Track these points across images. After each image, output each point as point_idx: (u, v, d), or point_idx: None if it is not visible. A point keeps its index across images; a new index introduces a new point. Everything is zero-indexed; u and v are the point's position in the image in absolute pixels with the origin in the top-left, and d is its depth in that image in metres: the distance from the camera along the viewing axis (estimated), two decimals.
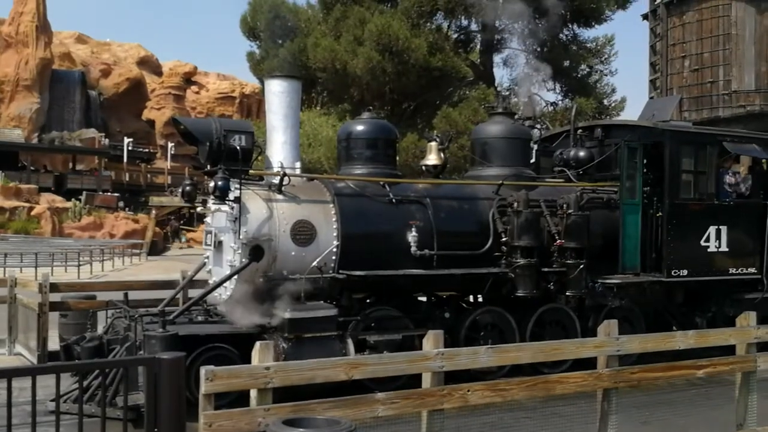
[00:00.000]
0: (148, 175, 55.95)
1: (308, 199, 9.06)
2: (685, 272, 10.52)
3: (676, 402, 8.37)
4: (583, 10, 23.00)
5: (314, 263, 8.70)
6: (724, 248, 10.81)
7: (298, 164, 9.43)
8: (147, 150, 60.21)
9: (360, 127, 9.92)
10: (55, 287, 10.73)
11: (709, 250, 10.71)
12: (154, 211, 44.81)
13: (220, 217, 8.88)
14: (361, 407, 5.08)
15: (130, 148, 56.21)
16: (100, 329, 9.39)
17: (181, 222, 49.53)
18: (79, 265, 28.29)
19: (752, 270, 11.12)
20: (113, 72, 62.05)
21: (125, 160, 54.90)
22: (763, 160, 11.73)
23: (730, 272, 10.96)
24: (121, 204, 48.05)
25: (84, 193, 46.78)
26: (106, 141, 55.11)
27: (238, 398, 5.47)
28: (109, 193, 48.58)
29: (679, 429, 7.42)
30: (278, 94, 9.40)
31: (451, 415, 5.78)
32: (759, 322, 7.26)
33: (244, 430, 4.75)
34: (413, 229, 9.24)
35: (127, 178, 53.75)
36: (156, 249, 42.61)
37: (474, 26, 24.40)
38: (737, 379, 6.91)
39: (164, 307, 8.96)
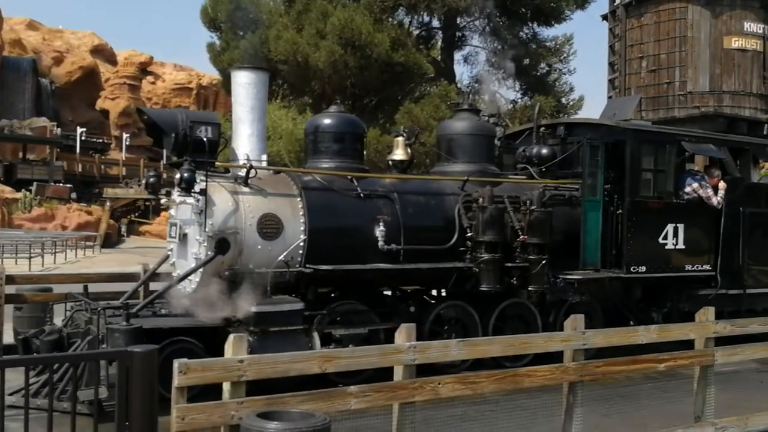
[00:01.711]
0: (102, 167, 54.77)
1: (275, 192, 9.01)
2: (643, 269, 10.76)
3: (634, 395, 8.59)
4: (543, 9, 23.33)
5: (281, 257, 8.66)
6: (681, 246, 11.09)
7: (264, 157, 9.37)
8: (101, 140, 58.89)
9: (327, 121, 9.89)
10: (10, 279, 10.45)
11: (666, 247, 10.96)
12: (108, 203, 43.86)
13: (185, 209, 8.77)
14: (334, 400, 5.09)
15: (83, 138, 54.91)
16: (57, 322, 9.21)
17: (136, 214, 48.67)
18: (30, 258, 27.58)
19: (707, 267, 11.41)
20: (66, 60, 60.52)
21: (78, 150, 53.62)
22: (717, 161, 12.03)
23: (686, 269, 11.23)
24: (73, 195, 46.94)
25: (35, 183, 45.57)
26: (58, 130, 53.72)
27: (201, 393, 5.40)
28: (61, 184, 47.42)
29: (638, 421, 7.59)
30: (245, 85, 9.32)
31: (418, 408, 5.82)
32: None
33: (218, 424, 4.72)
34: (381, 223, 9.26)
35: (80, 169, 52.53)
36: (110, 242, 41.75)
37: (435, 23, 24.56)
38: (696, 372, 7.10)
39: (126, 300, 8.81)
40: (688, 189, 11.30)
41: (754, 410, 7.67)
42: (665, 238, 10.94)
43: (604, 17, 25.45)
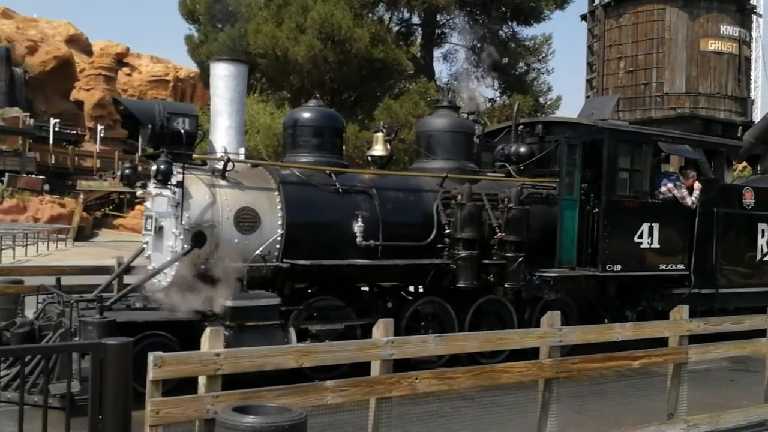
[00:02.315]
0: (76, 158, 54.02)
1: (252, 186, 8.95)
2: (618, 267, 10.86)
3: (608, 392, 8.66)
4: (523, 9, 23.41)
5: (257, 251, 8.60)
6: (656, 245, 11.20)
7: (242, 150, 9.30)
8: (75, 132, 58.09)
9: (307, 115, 9.84)
10: None
11: (641, 246, 11.07)
12: (82, 196, 43.34)
13: (162, 201, 8.67)
14: (311, 395, 5.06)
15: (56, 129, 54.16)
16: (29, 315, 9.07)
17: (111, 207, 48.10)
18: (0, 250, 27.18)
19: (681, 266, 11.55)
20: (40, 49, 59.58)
21: (51, 141, 52.88)
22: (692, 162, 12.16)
23: (661, 268, 11.36)
24: (46, 187, 46.30)
25: (6, 174, 44.89)
26: (31, 121, 52.89)
27: (176, 388, 5.35)
28: (33, 176, 46.75)
29: (612, 418, 7.65)
30: (224, 77, 9.24)
31: (394, 403, 5.81)
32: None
33: (193, 418, 4.67)
34: (359, 219, 9.24)
35: (53, 161, 51.78)
36: (83, 235, 41.26)
37: (415, 19, 24.55)
38: (669, 369, 7.17)
39: (100, 293, 8.69)
40: (663, 189, 11.42)
41: (725, 408, 7.79)
42: (640, 237, 11.05)
43: (583, 17, 25.62)
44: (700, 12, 21.98)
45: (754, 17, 25.44)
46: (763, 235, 12.70)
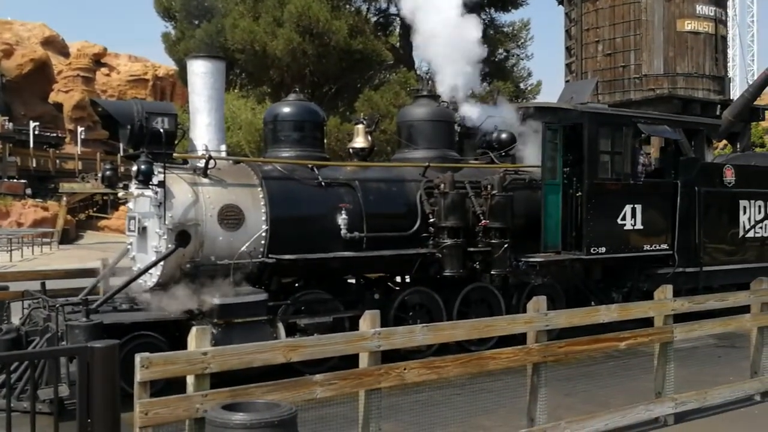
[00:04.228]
0: (57, 161, 53.49)
1: (235, 182, 8.92)
2: (603, 249, 10.93)
3: (596, 374, 8.74)
4: None
5: (243, 248, 8.59)
6: (639, 226, 11.27)
7: (223, 147, 9.27)
8: (55, 134, 57.43)
9: (287, 110, 9.81)
10: None
11: (625, 228, 11.14)
12: (65, 198, 42.99)
13: (144, 202, 8.64)
14: (300, 389, 5.07)
15: (36, 132, 53.56)
16: (15, 321, 9.02)
17: (95, 209, 47.76)
18: None
19: (665, 246, 11.63)
20: (16, 53, 58.86)
21: (32, 145, 52.34)
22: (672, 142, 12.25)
23: (645, 249, 11.44)
24: (28, 191, 45.86)
25: None
26: (10, 125, 52.34)
27: (165, 388, 5.34)
28: (15, 180, 46.29)
29: (601, 399, 7.72)
30: (201, 74, 9.20)
31: (384, 394, 5.84)
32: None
33: (182, 418, 4.67)
34: (343, 211, 9.24)
35: (35, 164, 51.22)
36: (68, 238, 40.93)
37: (393, 9, 24.47)
38: (656, 349, 7.24)
39: (86, 296, 8.65)
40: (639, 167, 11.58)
41: (712, 384, 7.88)
42: (624, 219, 11.12)
43: (560, 2, 25.66)
44: None
45: None
46: (744, 212, 12.83)
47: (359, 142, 10.65)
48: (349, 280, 10.20)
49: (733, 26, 47.36)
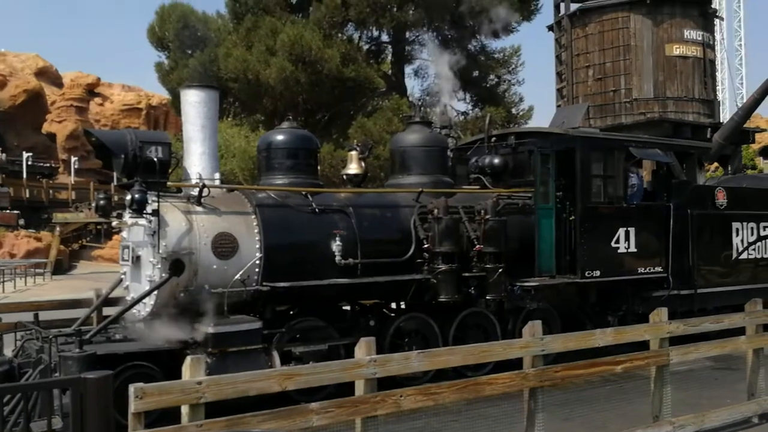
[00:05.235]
0: (51, 191, 53.38)
1: (229, 210, 8.92)
2: (597, 273, 10.93)
3: (594, 398, 8.70)
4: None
5: (237, 276, 8.56)
6: (633, 249, 11.30)
7: (217, 175, 9.27)
8: (48, 165, 57.51)
9: (280, 137, 9.85)
10: None
11: (619, 251, 11.16)
12: (58, 229, 42.80)
13: (138, 231, 8.62)
14: (296, 418, 5.04)
15: (29, 162, 53.63)
16: (8, 353, 8.94)
17: (88, 239, 47.56)
18: None
19: (659, 269, 11.65)
20: (9, 83, 59.07)
21: (25, 175, 52.34)
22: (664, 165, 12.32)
23: (639, 272, 11.45)
24: (21, 222, 45.71)
25: None
26: (3, 156, 52.43)
27: (159, 419, 5.29)
28: (8, 211, 46.15)
29: (599, 423, 7.69)
30: (195, 104, 9.23)
31: (380, 422, 5.80)
32: None
33: None
34: (337, 238, 9.23)
35: (28, 195, 51.12)
36: (61, 268, 40.72)
37: (385, 37, 24.71)
38: (652, 372, 7.22)
39: (79, 327, 8.60)
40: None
41: (710, 407, 7.85)
42: (617, 242, 11.14)
43: (550, 28, 25.92)
44: (663, 18, 22.33)
45: (717, 20, 25.88)
46: (737, 234, 12.87)
47: (353, 168, 10.69)
48: (344, 307, 10.17)
49: (722, 50, 47.84)
